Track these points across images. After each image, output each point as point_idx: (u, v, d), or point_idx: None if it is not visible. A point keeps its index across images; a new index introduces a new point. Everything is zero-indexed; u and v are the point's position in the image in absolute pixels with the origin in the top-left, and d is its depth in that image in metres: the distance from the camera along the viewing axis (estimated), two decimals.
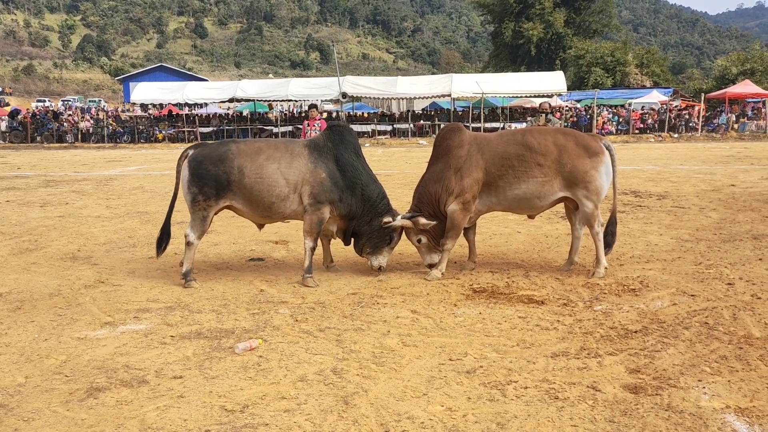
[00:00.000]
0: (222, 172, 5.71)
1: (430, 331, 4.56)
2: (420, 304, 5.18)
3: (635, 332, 4.42)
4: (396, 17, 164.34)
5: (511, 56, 54.85)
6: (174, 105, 38.35)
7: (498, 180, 5.94)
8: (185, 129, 35.40)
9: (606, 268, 5.93)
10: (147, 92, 36.09)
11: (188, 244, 5.84)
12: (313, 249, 5.93)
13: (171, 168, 17.02)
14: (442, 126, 33.38)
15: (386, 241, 6.09)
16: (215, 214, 5.92)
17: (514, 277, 5.99)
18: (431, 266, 6.13)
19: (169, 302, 5.32)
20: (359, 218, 6.02)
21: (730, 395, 3.41)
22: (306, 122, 13.18)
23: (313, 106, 13.83)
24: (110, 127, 36.19)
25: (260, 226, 6.35)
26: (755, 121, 32.75)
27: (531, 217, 6.69)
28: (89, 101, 67.16)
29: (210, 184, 5.71)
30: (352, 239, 6.21)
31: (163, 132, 35.56)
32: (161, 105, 40.32)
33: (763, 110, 33.26)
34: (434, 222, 5.98)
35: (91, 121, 37.32)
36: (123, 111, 43.62)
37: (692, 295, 5.24)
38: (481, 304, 5.18)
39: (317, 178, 5.83)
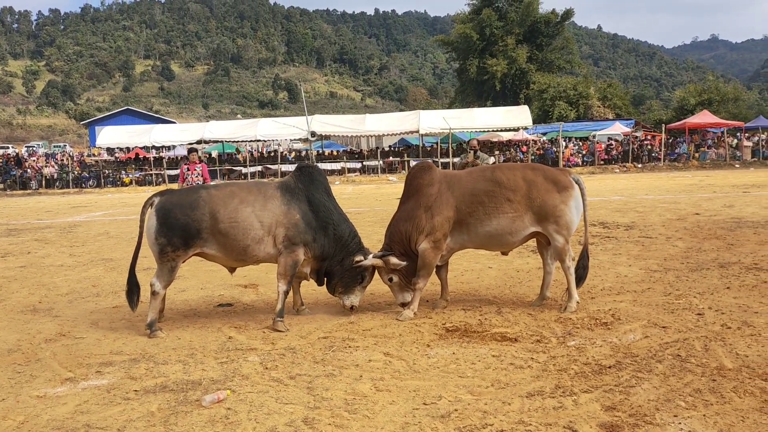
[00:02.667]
0: (192, 221, 5.56)
1: (403, 374, 4.47)
2: (393, 346, 5.10)
3: (609, 367, 4.39)
4: (362, 56, 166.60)
5: (477, 92, 55.84)
6: (141, 148, 38.09)
7: (468, 217, 5.94)
8: (153, 172, 35.09)
9: (578, 302, 5.93)
10: (113, 136, 35.86)
11: (153, 294, 5.67)
12: (286, 293, 5.82)
13: (138, 213, 16.81)
14: (412, 164, 33.71)
15: (358, 281, 6.03)
16: (183, 262, 5.78)
17: (486, 314, 5.95)
18: (404, 305, 6.06)
19: (133, 354, 5.15)
20: (331, 258, 5.96)
21: (705, 430, 3.38)
22: (185, 166, 12.96)
23: (192, 150, 13.67)
24: (75, 172, 35.69)
25: (232, 270, 6.24)
26: (715, 150, 33.65)
27: (504, 253, 6.73)
28: (54, 146, 66.24)
29: (179, 233, 5.54)
30: (325, 279, 6.13)
31: (130, 176, 35.18)
32: (128, 148, 40.02)
33: (722, 139, 34.24)
34: (405, 263, 5.94)
35: (56, 167, 36.77)
36: (89, 155, 43.05)
37: (663, 327, 5.25)
38: (454, 344, 5.11)
39: (291, 220, 5.77)
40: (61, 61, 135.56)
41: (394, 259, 5.91)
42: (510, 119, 33.73)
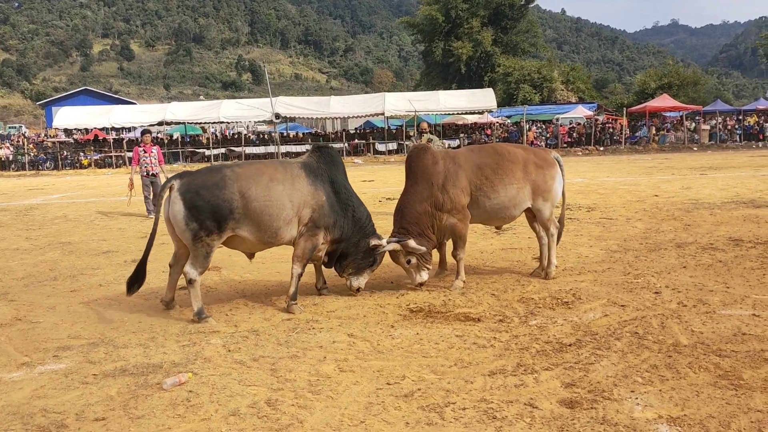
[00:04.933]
0: (223, 201, 5.22)
1: (367, 354, 4.48)
2: (357, 327, 5.10)
3: (569, 345, 4.46)
4: (327, 37, 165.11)
5: (442, 74, 55.80)
6: (100, 129, 37.19)
7: (476, 191, 6.22)
8: (112, 154, 34.33)
9: (556, 266, 6.50)
10: (71, 117, 34.88)
11: (190, 282, 5.33)
12: (300, 275, 5.69)
13: (97, 195, 16.40)
14: (377, 146, 33.62)
15: (369, 263, 6.00)
16: (217, 246, 5.46)
17: (450, 295, 5.99)
18: (421, 284, 6.15)
19: (91, 338, 5.05)
20: (348, 240, 5.88)
21: (662, 405, 3.47)
22: (140, 148, 12.90)
23: (146, 131, 13.61)
24: (31, 154, 34.71)
25: (251, 256, 6.00)
26: (674, 134, 34.36)
27: (498, 228, 7.44)
28: (9, 127, 64.27)
29: (211, 216, 5.18)
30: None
31: (89, 157, 34.36)
32: (86, 130, 39.03)
33: (681, 123, 34.97)
34: (424, 248, 6.03)
35: (11, 148, 35.70)
36: (45, 137, 41.88)
37: (622, 306, 5.36)
38: (418, 324, 5.14)
39: (318, 202, 5.63)
40: (16, 40, 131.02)
41: (412, 243, 5.98)
42: (475, 102, 33.85)
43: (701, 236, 8.27)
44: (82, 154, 34.96)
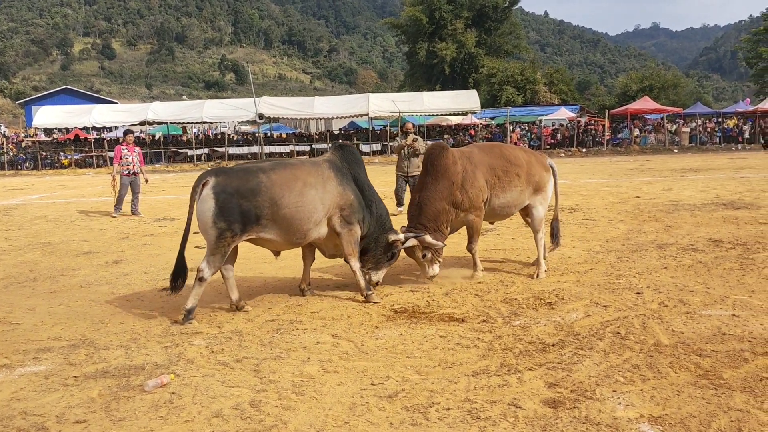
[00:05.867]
0: (254, 207, 5.27)
1: (351, 355, 4.47)
2: (341, 328, 5.09)
3: (552, 346, 4.49)
4: (311, 38, 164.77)
5: (426, 75, 55.95)
6: (80, 129, 36.80)
7: (490, 190, 6.46)
8: (93, 154, 33.98)
9: (546, 270, 6.68)
10: (51, 116, 34.49)
11: (201, 279, 5.31)
12: (360, 268, 5.86)
13: (78, 195, 16.24)
14: (362, 147, 33.59)
15: (388, 258, 6.12)
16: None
17: (434, 295, 6.00)
18: (432, 278, 6.34)
19: (72, 340, 4.99)
20: (370, 236, 5.98)
21: (643, 404, 3.50)
22: (122, 147, 12.95)
23: (129, 131, 13.67)
24: (11, 154, 34.24)
25: (277, 253, 6.03)
26: (655, 135, 34.73)
27: (491, 223, 7.73)
28: None
29: (239, 219, 5.24)
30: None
31: (69, 157, 33.97)
32: (67, 129, 38.60)
33: (661, 125, 35.35)
34: (441, 243, 6.25)
35: None
36: (25, 136, 41.34)
37: (604, 306, 5.40)
38: (402, 325, 5.14)
39: (347, 201, 5.72)
40: None
41: (429, 238, 6.13)
42: (459, 103, 33.99)
43: (682, 237, 8.36)
44: (62, 154, 34.56)
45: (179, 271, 5.47)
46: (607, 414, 3.38)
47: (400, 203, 11.78)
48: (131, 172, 12.81)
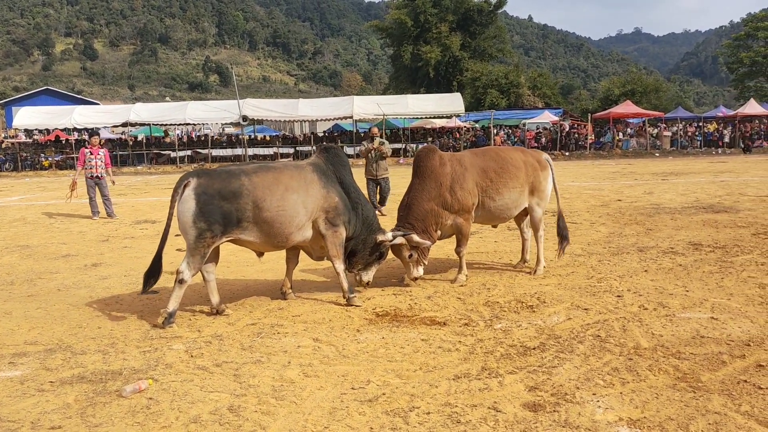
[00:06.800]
0: (235, 210, 5.26)
1: (332, 359, 4.45)
2: (322, 332, 5.06)
3: (533, 349, 4.49)
4: (296, 40, 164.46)
5: (411, 78, 55.97)
6: (62, 130, 36.38)
7: (481, 193, 6.47)
8: (74, 155, 33.58)
9: (545, 267, 6.80)
10: (31, 117, 34.08)
11: (180, 282, 5.27)
12: (344, 270, 5.85)
13: (58, 197, 16.07)
14: (346, 149, 33.54)
15: (377, 257, 6.15)
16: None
17: (416, 299, 5.99)
18: (416, 279, 6.39)
19: (49, 344, 4.91)
20: (357, 237, 5.98)
21: (622, 407, 3.51)
22: (87, 149, 12.79)
23: (94, 133, 13.53)
24: None
25: (260, 254, 6.01)
26: (636, 139, 35.04)
27: (494, 226, 7.71)
28: None
29: (220, 221, 5.23)
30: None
31: (50, 159, 33.57)
32: (47, 130, 38.14)
33: (643, 129, 35.68)
34: (429, 242, 6.27)
35: None
36: (5, 137, 40.80)
37: (585, 309, 5.42)
38: (384, 328, 5.12)
39: (331, 204, 5.72)
40: None
41: (416, 237, 6.16)
42: (443, 106, 34.05)
43: (662, 240, 8.43)
44: (42, 155, 34.14)
45: (153, 271, 5.41)
46: (587, 417, 3.39)
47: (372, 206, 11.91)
48: (94, 175, 12.61)
